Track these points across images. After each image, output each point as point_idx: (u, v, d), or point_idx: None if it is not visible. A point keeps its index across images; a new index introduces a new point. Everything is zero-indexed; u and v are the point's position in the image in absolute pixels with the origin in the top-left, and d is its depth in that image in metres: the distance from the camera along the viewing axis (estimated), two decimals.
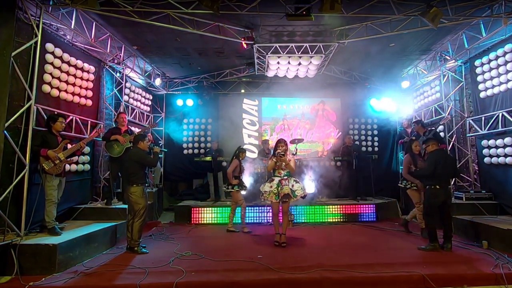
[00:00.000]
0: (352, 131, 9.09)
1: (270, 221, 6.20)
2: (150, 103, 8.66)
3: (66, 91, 5.16)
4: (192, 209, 6.61)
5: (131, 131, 5.95)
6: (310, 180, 7.19)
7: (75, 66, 5.41)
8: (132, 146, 4.81)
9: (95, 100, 5.95)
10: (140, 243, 4.49)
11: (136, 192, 4.40)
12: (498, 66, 5.47)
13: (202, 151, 8.79)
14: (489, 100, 5.77)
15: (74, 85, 5.38)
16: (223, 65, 8.08)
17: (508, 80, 5.28)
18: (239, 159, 5.87)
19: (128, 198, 4.47)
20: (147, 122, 8.43)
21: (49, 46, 4.77)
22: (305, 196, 4.87)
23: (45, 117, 4.57)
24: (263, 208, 6.53)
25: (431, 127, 6.74)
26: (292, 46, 6.35)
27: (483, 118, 5.88)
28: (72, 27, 4.96)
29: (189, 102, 8.80)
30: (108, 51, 5.99)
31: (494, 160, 5.61)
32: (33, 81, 4.21)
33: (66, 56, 5.13)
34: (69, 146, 4.52)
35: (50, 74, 4.82)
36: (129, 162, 4.54)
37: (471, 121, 6.26)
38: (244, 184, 6.00)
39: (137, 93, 7.89)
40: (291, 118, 9.10)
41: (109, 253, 4.45)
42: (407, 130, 7.47)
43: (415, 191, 5.22)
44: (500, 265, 3.67)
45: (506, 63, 5.32)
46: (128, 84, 7.32)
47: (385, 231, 5.77)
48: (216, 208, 6.66)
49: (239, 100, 9.07)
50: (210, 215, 6.58)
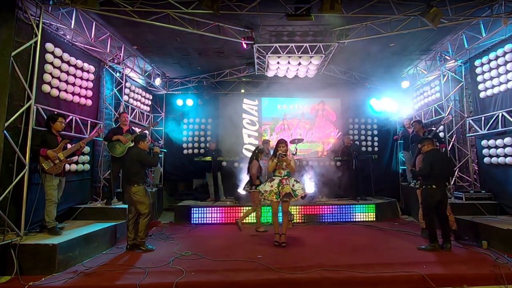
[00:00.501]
0: (352, 131, 9.08)
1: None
2: (150, 103, 8.66)
3: (66, 91, 5.16)
4: (192, 209, 6.61)
5: (132, 131, 5.95)
6: (310, 180, 7.19)
7: (75, 66, 5.40)
8: (132, 146, 4.82)
9: (95, 100, 5.95)
10: (146, 240, 4.56)
11: (139, 191, 4.44)
12: (498, 66, 5.47)
13: (202, 151, 8.78)
14: (489, 100, 5.77)
15: (74, 85, 5.37)
16: (223, 65, 8.08)
17: (508, 80, 5.28)
18: (258, 159, 5.90)
19: (130, 198, 4.48)
20: (147, 122, 8.43)
21: (49, 46, 4.76)
22: (305, 196, 4.87)
23: (45, 117, 4.56)
24: (263, 208, 6.51)
25: (431, 127, 6.74)
26: (292, 46, 6.35)
27: (483, 118, 5.88)
28: (72, 27, 4.96)
29: (189, 102, 8.80)
30: (108, 51, 5.99)
31: (494, 160, 5.61)
32: (33, 81, 4.21)
33: (66, 56, 5.13)
34: (69, 146, 4.52)
35: (50, 74, 4.82)
36: (130, 162, 4.56)
37: (471, 121, 6.26)
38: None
39: (137, 93, 7.89)
40: (291, 118, 9.10)
41: (109, 253, 4.45)
42: (408, 130, 7.47)
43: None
44: (500, 265, 3.67)
45: (506, 63, 5.31)
46: (128, 84, 7.32)
47: (385, 231, 5.77)
48: (216, 208, 6.65)
49: (239, 100, 9.07)
50: (210, 215, 6.58)
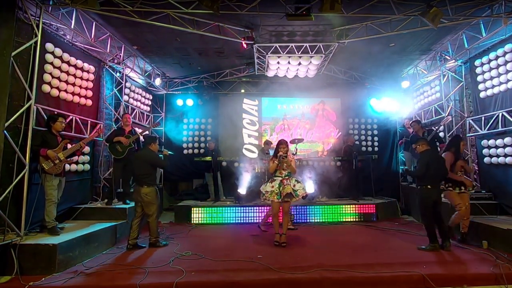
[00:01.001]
0: (352, 131, 9.08)
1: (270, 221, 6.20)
2: (150, 103, 8.66)
3: (66, 91, 5.16)
4: (192, 209, 6.61)
5: (134, 131, 5.95)
6: (310, 180, 7.18)
7: (75, 66, 5.40)
8: (142, 147, 4.87)
9: (95, 100, 5.95)
10: (159, 238, 4.73)
11: (151, 193, 4.54)
12: (498, 66, 5.47)
13: (202, 151, 8.79)
14: (489, 100, 5.77)
15: (74, 85, 5.37)
16: (223, 65, 8.08)
17: (508, 80, 5.27)
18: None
19: (139, 198, 4.54)
20: (147, 122, 8.43)
21: (49, 46, 4.76)
22: (306, 196, 4.87)
23: (45, 117, 4.56)
24: (262, 208, 6.53)
25: (430, 127, 6.74)
26: (292, 46, 6.35)
27: (483, 118, 5.88)
28: (72, 27, 4.96)
29: (189, 102, 8.80)
30: (108, 51, 5.99)
31: (494, 160, 5.60)
32: (33, 81, 4.21)
33: (66, 56, 5.13)
34: (69, 146, 4.52)
35: (50, 74, 4.82)
36: (141, 163, 4.62)
37: (471, 121, 6.25)
38: None
39: (137, 93, 7.89)
40: (291, 118, 9.11)
41: (109, 253, 4.45)
42: (408, 130, 7.47)
43: (454, 192, 4.73)
44: (500, 265, 3.67)
45: (506, 63, 5.31)
46: (128, 84, 7.32)
47: (385, 231, 5.77)
48: (216, 208, 6.65)
49: (239, 100, 9.07)
50: (210, 215, 6.58)
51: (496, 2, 4.81)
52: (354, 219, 6.67)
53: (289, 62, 6.84)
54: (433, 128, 6.21)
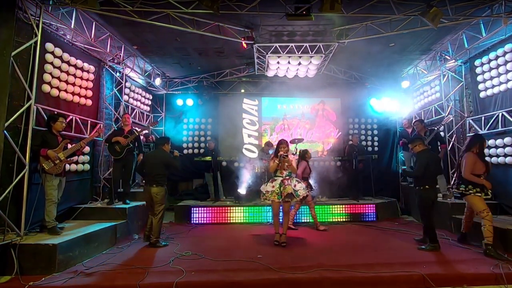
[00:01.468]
0: (352, 131, 9.09)
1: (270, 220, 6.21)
2: (150, 102, 8.66)
3: (66, 90, 5.16)
4: (192, 209, 6.61)
5: (133, 131, 5.93)
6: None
7: (75, 66, 5.40)
8: (155, 148, 4.90)
9: (95, 99, 5.95)
10: (160, 238, 4.76)
11: (161, 192, 4.61)
12: (498, 66, 5.47)
13: (202, 151, 8.79)
14: (489, 100, 5.77)
15: (74, 84, 5.37)
16: (223, 65, 8.08)
17: (508, 80, 5.28)
18: (306, 160, 5.90)
19: (150, 197, 4.61)
20: (147, 122, 8.43)
21: (49, 46, 4.76)
22: (306, 196, 4.88)
23: (45, 117, 4.56)
24: (262, 208, 6.53)
25: (431, 127, 6.74)
26: (292, 46, 6.36)
27: (483, 118, 5.88)
28: (72, 26, 4.96)
29: (189, 102, 8.80)
30: (108, 51, 5.98)
31: (494, 160, 5.60)
32: (33, 81, 4.21)
33: (66, 56, 5.13)
34: (69, 146, 4.52)
35: (50, 73, 4.82)
36: (154, 163, 4.67)
37: (471, 121, 6.26)
38: (311, 185, 6.14)
39: (137, 93, 7.89)
40: (291, 118, 9.11)
41: (109, 253, 4.45)
42: (407, 130, 7.47)
43: (478, 197, 4.21)
44: (500, 265, 3.67)
45: (506, 63, 5.32)
46: (128, 84, 7.32)
47: (385, 231, 5.77)
48: (216, 208, 6.65)
49: (239, 100, 9.07)
50: (210, 215, 6.58)
51: (496, 2, 4.81)
52: (347, 219, 6.68)
53: (289, 62, 6.84)
54: (434, 128, 6.21)
